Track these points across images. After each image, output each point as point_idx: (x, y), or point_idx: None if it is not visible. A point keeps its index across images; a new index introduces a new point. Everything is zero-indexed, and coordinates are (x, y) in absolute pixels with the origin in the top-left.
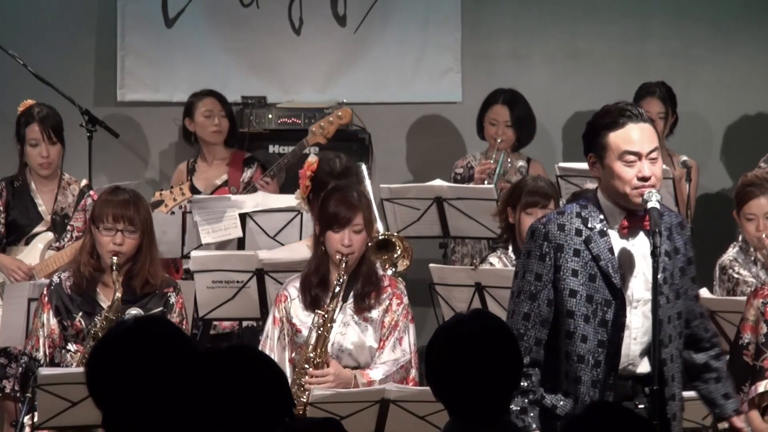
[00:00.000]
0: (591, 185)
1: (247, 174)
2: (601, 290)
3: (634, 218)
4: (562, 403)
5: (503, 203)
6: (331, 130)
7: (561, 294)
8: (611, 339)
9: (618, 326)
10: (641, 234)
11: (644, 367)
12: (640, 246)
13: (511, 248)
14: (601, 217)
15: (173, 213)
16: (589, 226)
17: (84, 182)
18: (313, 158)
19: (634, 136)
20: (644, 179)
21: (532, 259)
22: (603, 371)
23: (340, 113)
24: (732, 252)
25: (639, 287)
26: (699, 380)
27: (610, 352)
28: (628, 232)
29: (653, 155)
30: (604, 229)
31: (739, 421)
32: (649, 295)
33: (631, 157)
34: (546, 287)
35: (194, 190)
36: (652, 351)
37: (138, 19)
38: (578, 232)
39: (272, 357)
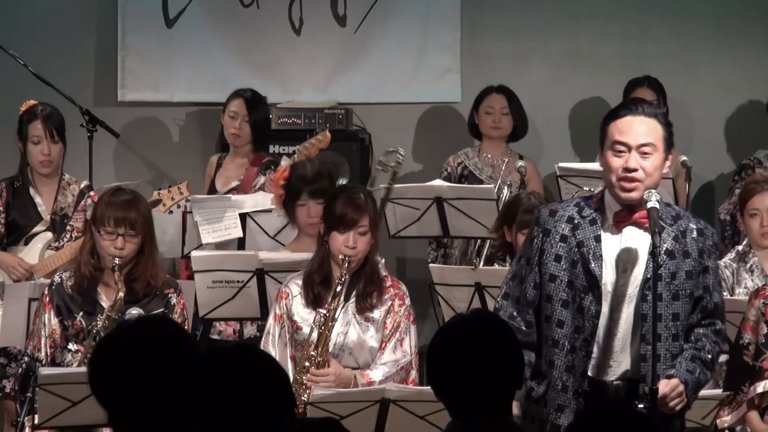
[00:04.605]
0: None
1: (261, 180)
2: (581, 276)
3: (626, 212)
4: (537, 386)
5: (499, 221)
6: (313, 152)
7: (543, 278)
8: (586, 326)
9: (594, 313)
10: (636, 230)
11: (625, 366)
12: (633, 241)
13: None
14: (598, 207)
15: (171, 212)
16: (583, 214)
17: (84, 183)
18: (285, 163)
19: (627, 127)
20: (628, 170)
21: (527, 243)
22: (579, 358)
23: (320, 137)
24: (728, 258)
25: (626, 282)
26: None
27: (585, 339)
28: (621, 226)
29: (646, 149)
30: (596, 218)
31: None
32: (634, 291)
33: (621, 147)
34: (533, 270)
35: (213, 187)
36: (652, 350)
37: (138, 19)
38: (570, 219)
39: (273, 354)
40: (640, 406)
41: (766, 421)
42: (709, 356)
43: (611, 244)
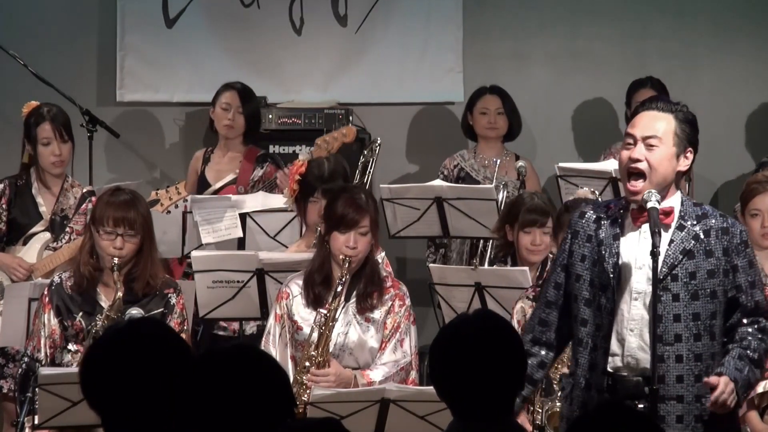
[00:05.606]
0: (587, 190)
1: (258, 173)
2: (601, 275)
3: (639, 209)
4: (567, 385)
5: (501, 221)
6: (335, 146)
7: (570, 279)
8: (604, 323)
9: (609, 310)
10: None
11: (645, 363)
12: (648, 238)
13: (509, 264)
14: (624, 206)
15: (169, 212)
16: (609, 214)
17: (87, 188)
18: (303, 157)
19: (638, 120)
20: (632, 160)
21: (559, 246)
22: (599, 355)
23: (345, 131)
24: None
25: (641, 279)
26: None
27: (604, 336)
28: (639, 223)
29: (651, 141)
30: (618, 217)
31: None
32: (647, 288)
33: (629, 140)
34: (555, 271)
35: (204, 181)
36: (652, 349)
37: (138, 18)
38: (597, 220)
39: (274, 354)
40: (640, 406)
41: (766, 421)
42: (756, 354)
43: (629, 242)
